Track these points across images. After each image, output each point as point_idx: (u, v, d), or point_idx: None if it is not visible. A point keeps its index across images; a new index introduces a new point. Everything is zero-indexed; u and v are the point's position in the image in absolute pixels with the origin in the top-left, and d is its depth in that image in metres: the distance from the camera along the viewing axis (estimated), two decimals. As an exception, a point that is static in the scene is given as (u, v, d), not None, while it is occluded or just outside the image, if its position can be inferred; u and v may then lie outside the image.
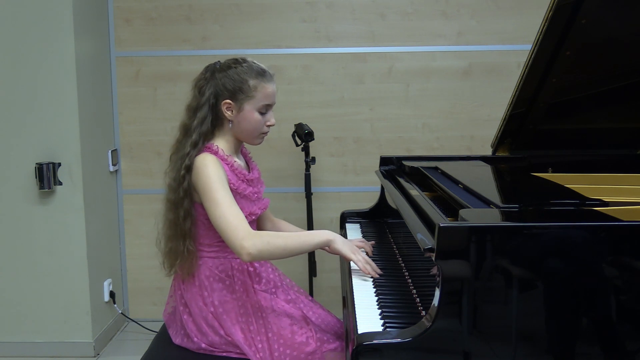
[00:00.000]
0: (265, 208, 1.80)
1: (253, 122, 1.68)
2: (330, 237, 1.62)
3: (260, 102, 1.67)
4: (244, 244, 1.53)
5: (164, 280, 3.15)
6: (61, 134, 2.70)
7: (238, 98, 1.66)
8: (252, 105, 1.66)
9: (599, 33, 1.76)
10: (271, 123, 1.72)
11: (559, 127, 2.13)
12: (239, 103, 1.66)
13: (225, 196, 1.58)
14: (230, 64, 1.69)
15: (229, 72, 1.66)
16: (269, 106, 1.70)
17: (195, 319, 1.69)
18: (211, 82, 1.68)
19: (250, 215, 1.70)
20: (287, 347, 1.64)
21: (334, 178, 3.11)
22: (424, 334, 1.16)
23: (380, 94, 3.04)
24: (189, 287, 1.72)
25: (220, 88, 1.66)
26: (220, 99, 1.66)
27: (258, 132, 1.71)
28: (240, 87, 1.65)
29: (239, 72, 1.66)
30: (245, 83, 1.65)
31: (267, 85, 1.67)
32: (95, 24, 2.90)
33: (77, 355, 2.82)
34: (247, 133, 1.70)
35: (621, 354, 1.17)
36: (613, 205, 1.36)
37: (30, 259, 2.78)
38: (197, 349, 1.70)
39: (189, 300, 1.71)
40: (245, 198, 1.70)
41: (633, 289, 1.16)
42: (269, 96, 1.68)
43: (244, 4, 3.01)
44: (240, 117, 1.67)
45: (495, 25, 2.98)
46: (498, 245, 1.16)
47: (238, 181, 1.68)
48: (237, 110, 1.67)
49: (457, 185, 1.70)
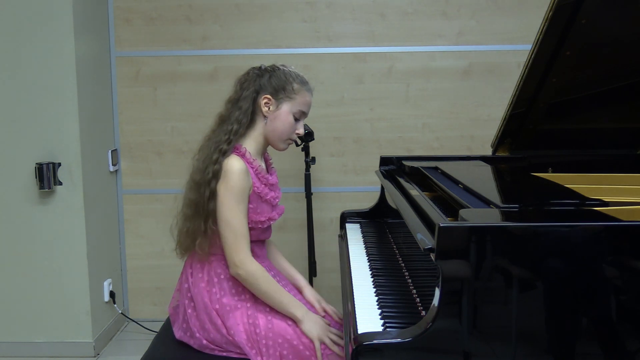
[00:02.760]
0: (281, 214, 1.85)
1: (286, 124, 1.73)
2: (299, 317, 1.66)
3: (297, 107, 1.74)
4: (239, 264, 1.63)
5: (164, 280, 3.19)
6: (61, 134, 2.70)
7: (279, 96, 1.72)
8: (289, 107, 1.73)
9: (599, 33, 1.76)
10: (300, 132, 1.77)
11: (559, 127, 2.13)
12: (278, 101, 1.72)
13: (239, 209, 1.65)
14: (277, 66, 1.76)
15: (276, 72, 1.74)
16: (303, 115, 1.77)
17: (199, 315, 1.70)
18: (256, 79, 1.73)
19: (268, 220, 1.75)
20: (291, 349, 1.65)
21: (334, 178, 3.11)
22: (424, 334, 1.16)
23: (380, 94, 3.04)
24: (197, 281, 1.73)
25: (264, 84, 1.72)
26: (261, 93, 1.72)
27: (287, 135, 1.76)
28: (283, 86, 1.72)
29: (286, 74, 1.73)
30: (290, 84, 1.72)
31: (307, 94, 1.75)
32: (95, 24, 2.90)
33: (77, 355, 2.82)
34: (277, 133, 1.74)
35: (621, 354, 1.17)
36: (613, 205, 1.36)
37: (30, 259, 2.78)
38: (198, 346, 1.70)
39: (195, 295, 1.72)
40: (266, 202, 1.75)
41: (633, 289, 1.16)
42: (307, 104, 1.76)
43: (244, 4, 3.01)
44: (275, 115, 1.72)
45: (495, 25, 2.98)
46: (498, 245, 1.16)
47: (261, 185, 1.73)
48: (275, 107, 1.72)
49: (457, 185, 1.70)
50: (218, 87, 3.05)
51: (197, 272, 1.73)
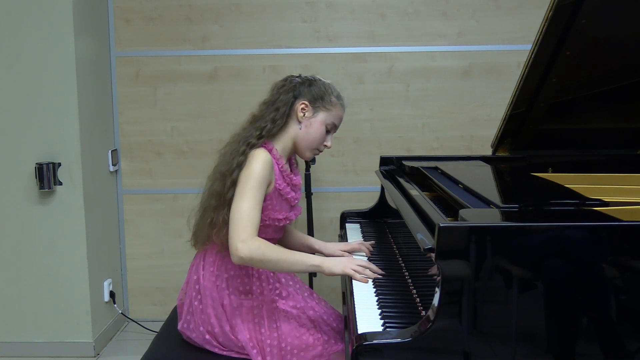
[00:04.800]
0: (298, 214, 1.85)
1: (319, 133, 1.75)
2: (317, 263, 1.63)
3: (331, 119, 1.76)
4: (239, 246, 1.57)
5: (164, 280, 3.19)
6: (61, 134, 2.70)
7: (316, 105, 1.74)
8: (324, 117, 1.75)
9: (599, 33, 1.76)
10: (328, 145, 1.80)
11: (559, 127, 2.13)
12: (315, 109, 1.74)
13: (254, 196, 1.63)
14: (317, 77, 1.79)
15: (317, 81, 1.77)
16: (335, 128, 1.80)
17: (205, 308, 1.70)
18: (296, 86, 1.76)
19: (285, 219, 1.76)
20: (295, 350, 1.66)
21: (334, 178, 3.11)
22: (424, 334, 1.16)
23: (380, 94, 3.04)
24: (207, 275, 1.73)
25: (303, 90, 1.75)
26: (299, 99, 1.74)
27: (317, 144, 1.78)
28: (322, 96, 1.74)
29: (326, 86, 1.77)
30: (328, 96, 1.75)
31: (341, 109, 1.79)
32: (95, 24, 2.90)
33: (77, 355, 2.82)
34: (308, 141, 1.76)
35: (621, 354, 1.17)
36: (613, 205, 1.36)
37: (30, 259, 2.78)
38: (200, 340, 1.71)
39: (203, 288, 1.72)
40: (286, 201, 1.76)
41: (633, 289, 1.16)
42: (339, 118, 1.79)
43: (244, 4, 3.01)
44: (310, 122, 1.75)
45: (495, 25, 2.98)
46: (498, 245, 1.16)
47: (283, 184, 1.73)
48: (311, 114, 1.75)
49: (457, 185, 1.70)
50: (218, 87, 3.05)
51: (209, 266, 1.74)
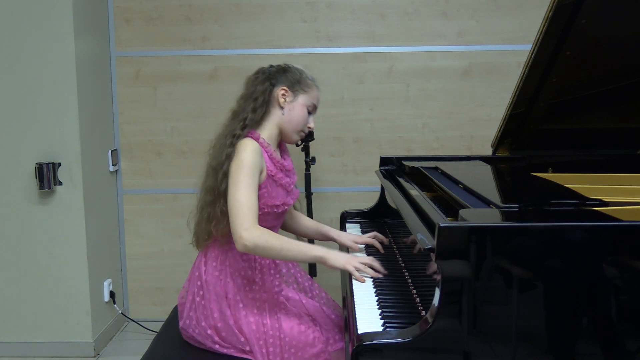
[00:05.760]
0: (296, 198, 1.88)
1: (302, 115, 1.81)
2: (322, 254, 1.64)
3: (311, 100, 1.82)
4: (244, 234, 1.58)
5: (164, 280, 3.19)
6: (61, 134, 2.70)
7: (295, 88, 1.80)
8: (304, 100, 1.81)
9: (599, 33, 1.76)
10: (311, 126, 1.85)
11: (559, 127, 2.13)
12: (295, 93, 1.80)
13: (249, 184, 1.64)
14: (288, 64, 1.85)
15: (290, 68, 1.83)
16: (315, 109, 1.85)
17: (208, 303, 1.71)
18: (271, 75, 1.80)
19: (283, 205, 1.78)
20: (295, 347, 1.67)
21: (334, 178, 3.11)
22: (424, 334, 1.16)
23: (380, 94, 3.04)
24: (210, 270, 1.74)
25: (280, 78, 1.79)
26: (278, 85, 1.78)
27: (301, 127, 1.82)
28: (299, 80, 1.81)
29: (300, 71, 1.83)
30: (305, 79, 1.82)
31: (317, 90, 1.85)
32: (95, 24, 2.90)
33: (77, 355, 2.82)
34: (294, 124, 1.80)
35: (621, 354, 1.17)
36: (613, 205, 1.36)
37: (30, 259, 2.78)
38: (202, 336, 1.71)
39: (206, 284, 1.73)
40: (281, 187, 1.77)
41: (633, 289, 1.16)
42: (318, 99, 1.85)
43: (244, 4, 3.01)
44: (292, 106, 1.79)
45: (495, 25, 2.98)
46: (498, 245, 1.16)
47: (275, 169, 1.75)
48: (292, 99, 1.79)
49: (457, 185, 1.70)
50: (218, 87, 3.05)
51: (211, 261, 1.75)
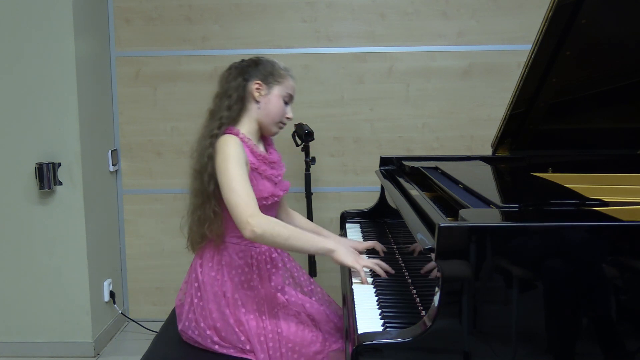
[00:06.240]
0: (286, 190, 1.88)
1: (278, 107, 1.80)
2: (332, 247, 1.65)
3: (286, 90, 1.81)
4: (251, 220, 1.58)
5: (164, 280, 3.19)
6: (61, 134, 2.70)
7: (268, 81, 1.79)
8: (279, 91, 1.80)
9: (599, 33, 1.76)
10: (289, 116, 1.84)
11: (559, 127, 2.13)
12: (269, 85, 1.79)
13: (240, 174, 1.64)
14: (259, 57, 1.83)
15: (261, 60, 1.82)
16: (291, 99, 1.84)
17: (207, 304, 1.71)
18: (242, 70, 1.79)
19: (272, 196, 1.77)
20: (294, 346, 1.66)
21: (334, 178, 3.11)
22: (424, 334, 1.16)
23: (380, 94, 3.04)
24: (207, 271, 1.74)
25: (252, 72, 1.79)
26: (251, 80, 1.78)
27: (279, 118, 1.82)
28: (271, 72, 1.80)
29: (271, 62, 1.82)
30: (277, 70, 1.81)
31: (291, 79, 1.83)
32: (95, 24, 2.90)
33: (77, 355, 2.82)
34: (271, 116, 1.80)
35: (621, 354, 1.17)
36: (613, 205, 1.36)
37: (30, 259, 2.78)
38: (202, 337, 1.71)
39: (203, 284, 1.72)
40: (267, 179, 1.77)
41: (633, 289, 1.16)
42: (293, 88, 1.84)
43: (244, 4, 3.01)
44: (267, 99, 1.79)
45: (495, 25, 2.98)
46: (498, 245, 1.16)
47: (257, 162, 1.75)
48: (267, 92, 1.78)
49: (457, 185, 1.70)
50: (218, 87, 3.04)
51: (207, 262, 1.75)
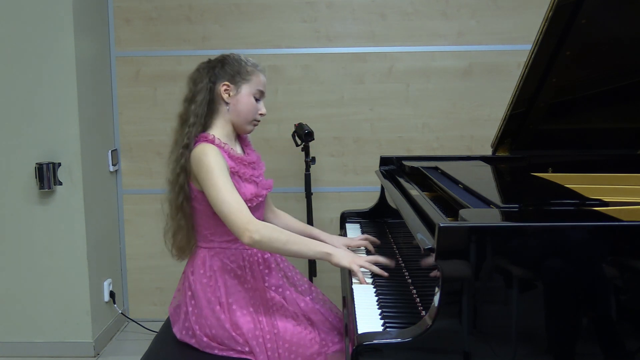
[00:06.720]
0: (269, 188, 1.85)
1: (249, 105, 1.76)
2: (329, 251, 1.65)
3: (255, 87, 1.77)
4: (249, 227, 1.57)
5: (164, 280, 3.18)
6: (61, 134, 2.70)
7: (236, 80, 1.75)
8: (248, 89, 1.75)
9: (599, 33, 1.76)
10: (263, 112, 1.81)
11: (559, 127, 2.13)
12: (237, 85, 1.75)
13: (226, 183, 1.63)
14: (225, 56, 1.79)
15: (227, 59, 1.77)
16: (262, 94, 1.80)
17: (201, 311, 1.70)
18: (209, 71, 1.76)
19: (256, 197, 1.75)
20: (291, 346, 1.66)
21: (334, 178, 3.11)
22: (424, 334, 1.16)
23: (380, 94, 3.04)
24: (198, 278, 1.73)
25: (218, 73, 1.75)
26: (218, 82, 1.75)
27: (252, 117, 1.78)
28: (238, 71, 1.75)
29: (237, 59, 1.77)
30: (244, 68, 1.76)
31: (260, 74, 1.78)
32: (95, 24, 2.90)
33: (77, 355, 2.82)
34: (242, 117, 1.77)
35: (621, 354, 1.17)
36: (613, 205, 1.36)
37: (30, 259, 2.78)
38: (199, 345, 1.70)
39: (197, 291, 1.72)
40: (247, 181, 1.75)
41: (633, 289, 1.16)
42: (263, 84, 1.79)
43: (244, 4, 3.01)
44: (237, 99, 1.75)
45: (495, 25, 2.98)
46: (498, 245, 1.16)
47: (237, 165, 1.73)
48: (235, 92, 1.75)
49: (457, 185, 1.70)
50: (218, 87, 3.05)
51: (198, 269, 1.73)
